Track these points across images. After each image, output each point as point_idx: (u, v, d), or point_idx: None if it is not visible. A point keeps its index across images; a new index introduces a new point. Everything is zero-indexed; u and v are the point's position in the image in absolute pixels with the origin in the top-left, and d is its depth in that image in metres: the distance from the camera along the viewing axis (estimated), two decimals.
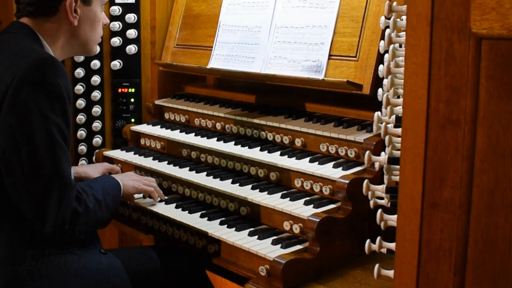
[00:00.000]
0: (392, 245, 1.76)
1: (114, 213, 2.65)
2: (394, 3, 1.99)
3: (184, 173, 2.99)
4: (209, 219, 2.68)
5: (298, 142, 2.82)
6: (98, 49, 2.77)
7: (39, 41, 2.51)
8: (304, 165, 2.65)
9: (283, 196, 2.59)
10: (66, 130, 2.35)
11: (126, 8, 3.58)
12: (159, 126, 3.46)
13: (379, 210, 1.84)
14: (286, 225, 2.49)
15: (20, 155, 2.27)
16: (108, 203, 2.57)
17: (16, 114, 2.27)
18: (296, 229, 2.45)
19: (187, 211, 2.78)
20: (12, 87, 2.27)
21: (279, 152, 2.81)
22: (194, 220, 2.69)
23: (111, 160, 3.39)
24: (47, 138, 2.29)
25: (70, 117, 2.38)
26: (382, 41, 2.01)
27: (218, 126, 3.21)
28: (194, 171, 2.99)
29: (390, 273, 1.72)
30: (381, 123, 1.90)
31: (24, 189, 2.30)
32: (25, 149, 2.27)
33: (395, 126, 1.87)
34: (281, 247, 2.36)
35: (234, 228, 2.56)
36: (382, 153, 1.99)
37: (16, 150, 2.28)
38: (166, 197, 2.97)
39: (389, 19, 2.03)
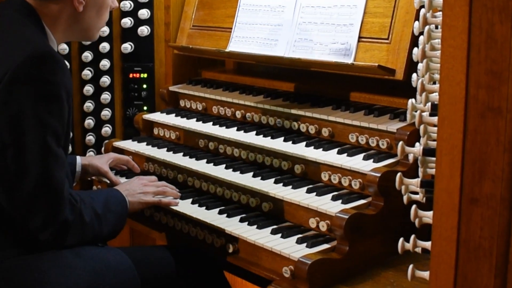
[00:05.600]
0: (427, 244, 1.77)
1: (118, 229, 2.67)
2: None
3: (201, 166, 3.01)
4: (228, 216, 2.69)
5: (325, 132, 2.83)
6: (98, 35, 2.75)
7: (39, 24, 2.48)
8: (331, 157, 2.66)
9: (308, 191, 2.60)
10: (61, 132, 2.35)
11: None
12: (174, 114, 3.48)
13: (413, 206, 1.84)
14: (312, 222, 2.50)
15: (5, 157, 2.28)
16: (109, 219, 2.58)
17: (6, 113, 2.26)
18: (323, 226, 2.46)
19: (204, 207, 2.79)
20: (4, 82, 2.25)
21: (304, 143, 2.82)
22: (212, 216, 2.71)
23: (121, 152, 3.41)
24: (38, 144, 2.28)
25: (66, 116, 2.37)
26: (416, 22, 2.01)
27: (238, 114, 3.23)
28: (212, 164, 3.00)
29: (426, 274, 1.73)
30: (416, 111, 1.90)
31: (9, 193, 2.32)
32: (11, 151, 2.28)
33: (431, 115, 1.88)
34: (307, 246, 2.38)
35: (255, 226, 2.58)
36: (417, 144, 2.00)
37: (1, 151, 2.28)
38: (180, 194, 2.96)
39: None
